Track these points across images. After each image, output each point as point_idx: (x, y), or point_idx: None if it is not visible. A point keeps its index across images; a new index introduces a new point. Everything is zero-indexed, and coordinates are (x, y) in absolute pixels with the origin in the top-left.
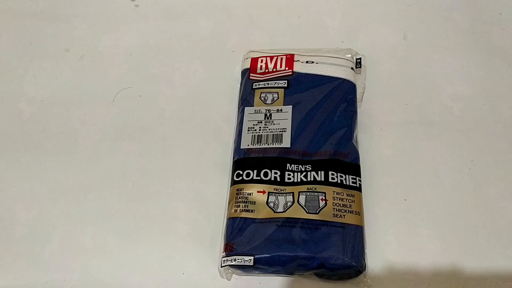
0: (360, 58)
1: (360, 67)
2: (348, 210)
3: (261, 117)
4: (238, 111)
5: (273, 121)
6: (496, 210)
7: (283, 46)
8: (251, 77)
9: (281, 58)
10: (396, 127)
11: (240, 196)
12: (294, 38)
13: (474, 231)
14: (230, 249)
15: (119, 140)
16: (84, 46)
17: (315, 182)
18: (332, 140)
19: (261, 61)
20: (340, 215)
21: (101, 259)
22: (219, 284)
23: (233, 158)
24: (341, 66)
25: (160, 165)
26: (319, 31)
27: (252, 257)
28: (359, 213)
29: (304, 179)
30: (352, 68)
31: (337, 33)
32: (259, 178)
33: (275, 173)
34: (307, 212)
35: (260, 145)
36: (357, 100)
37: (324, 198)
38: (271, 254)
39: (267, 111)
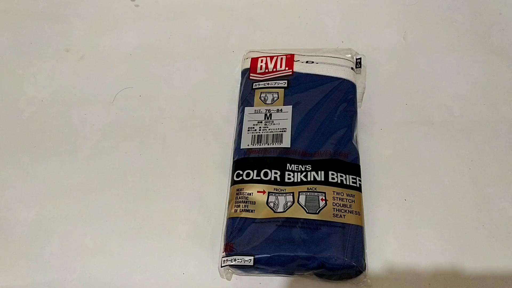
0: (360, 58)
1: (360, 67)
2: (348, 210)
3: (261, 117)
4: (238, 111)
5: (273, 121)
6: (496, 210)
7: (283, 46)
8: (251, 77)
9: (281, 58)
10: (396, 127)
11: (240, 196)
12: (294, 38)
13: (474, 231)
14: (230, 249)
15: (119, 140)
16: (84, 46)
17: (315, 182)
18: (332, 140)
19: (261, 61)
20: (340, 215)
21: (101, 259)
22: (219, 284)
23: (233, 158)
24: (341, 66)
25: (160, 165)
26: (319, 31)
27: (252, 257)
28: (359, 213)
29: (304, 179)
30: (352, 68)
31: (337, 33)
32: (259, 178)
33: (275, 173)
34: (307, 212)
35: (260, 145)
36: (357, 100)
37: (324, 198)
38: (271, 254)
39: (267, 111)
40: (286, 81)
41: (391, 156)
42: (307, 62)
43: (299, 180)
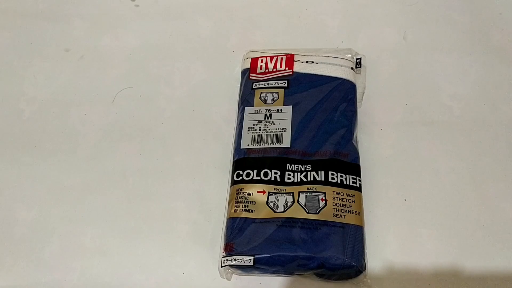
0: (360, 58)
1: (360, 67)
2: (348, 210)
3: (261, 117)
4: (238, 111)
5: (273, 121)
6: (496, 210)
7: (283, 46)
8: (251, 77)
9: (281, 58)
10: (396, 127)
11: (240, 196)
12: (294, 38)
13: (474, 231)
14: (230, 249)
15: (119, 140)
16: (84, 46)
17: (315, 182)
18: (332, 140)
19: (261, 61)
20: (340, 215)
21: (101, 259)
22: (219, 284)
23: (233, 158)
24: (341, 66)
25: (160, 165)
26: (319, 31)
27: (252, 257)
28: (359, 213)
29: (304, 179)
30: (352, 68)
31: (337, 33)
32: (259, 178)
33: (275, 173)
34: (307, 212)
35: (260, 145)
36: (357, 100)
37: (324, 198)
38: (271, 254)
39: (267, 111)
40: (286, 81)
41: (391, 156)
42: (307, 62)
43: (299, 180)
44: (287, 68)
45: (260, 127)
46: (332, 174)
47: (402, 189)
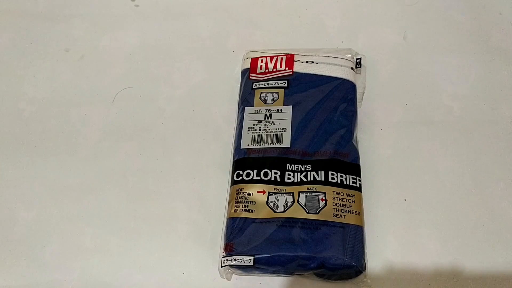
0: (360, 58)
1: (360, 67)
2: (348, 210)
3: (261, 117)
4: (238, 111)
5: (273, 121)
6: (496, 210)
7: (283, 46)
8: (251, 77)
9: (281, 58)
10: (396, 127)
11: (240, 196)
12: (294, 38)
13: (474, 231)
14: (230, 249)
15: (119, 140)
16: (84, 46)
17: (315, 182)
18: (332, 140)
19: (261, 61)
20: (340, 215)
21: (101, 259)
22: (219, 284)
23: (233, 158)
24: (341, 66)
25: (160, 165)
26: (319, 31)
27: (252, 257)
28: (359, 213)
29: (304, 179)
30: (352, 68)
31: (337, 33)
32: (259, 178)
33: (275, 173)
34: (307, 212)
35: (260, 145)
36: (357, 100)
37: (324, 198)
38: (271, 254)
39: (267, 111)
40: (286, 81)
41: (391, 156)
42: (307, 62)
43: (299, 180)
44: (287, 68)
45: (260, 127)
46: (332, 174)
47: (402, 189)
